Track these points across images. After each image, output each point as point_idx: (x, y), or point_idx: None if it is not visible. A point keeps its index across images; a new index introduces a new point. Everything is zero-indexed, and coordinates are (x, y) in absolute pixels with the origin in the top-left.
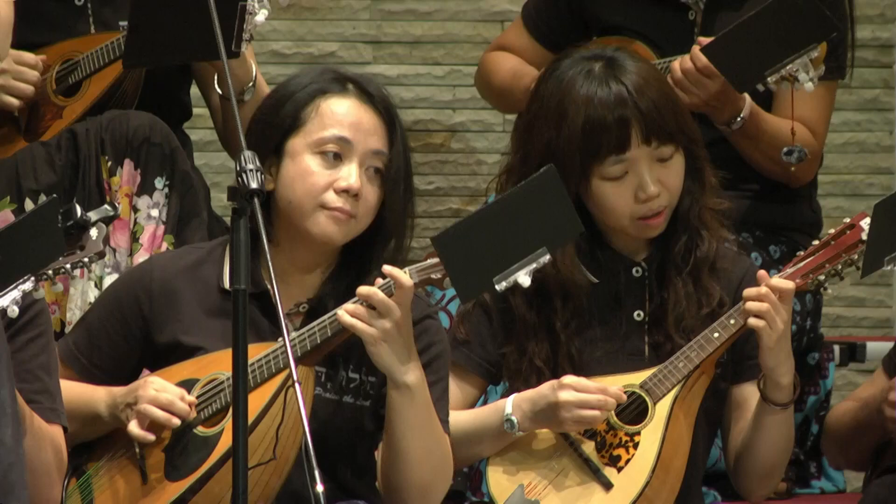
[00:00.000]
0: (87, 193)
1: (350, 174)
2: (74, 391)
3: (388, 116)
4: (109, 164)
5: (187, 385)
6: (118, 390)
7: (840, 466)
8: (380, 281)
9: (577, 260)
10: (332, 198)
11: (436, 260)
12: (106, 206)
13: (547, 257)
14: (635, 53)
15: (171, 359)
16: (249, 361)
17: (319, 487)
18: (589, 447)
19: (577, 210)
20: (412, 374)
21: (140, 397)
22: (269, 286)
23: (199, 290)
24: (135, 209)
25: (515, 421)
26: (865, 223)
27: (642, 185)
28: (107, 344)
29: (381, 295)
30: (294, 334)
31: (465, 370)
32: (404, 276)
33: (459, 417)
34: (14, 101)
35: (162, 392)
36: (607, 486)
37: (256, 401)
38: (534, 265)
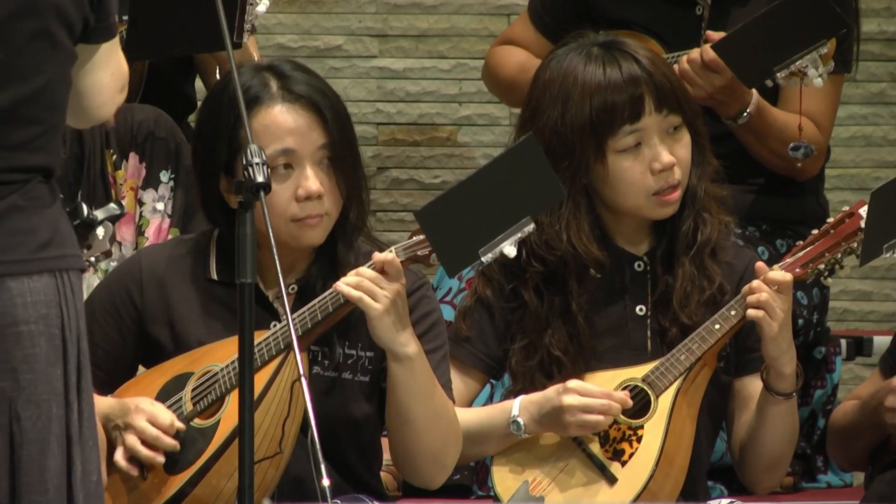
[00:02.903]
0: (91, 187)
1: (306, 179)
2: None
3: (317, 107)
4: (114, 157)
5: (182, 380)
6: (111, 405)
7: (843, 466)
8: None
9: (591, 236)
10: (297, 210)
11: (421, 237)
12: (112, 204)
13: (531, 227)
14: (644, 45)
15: (164, 351)
16: None
17: (326, 482)
18: (593, 442)
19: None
20: (412, 346)
21: (129, 426)
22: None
23: (187, 280)
24: (140, 203)
25: (522, 423)
26: (864, 211)
27: (657, 156)
28: (103, 341)
29: (398, 261)
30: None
31: (467, 366)
32: (386, 254)
33: (465, 415)
34: None
35: (150, 426)
36: (611, 480)
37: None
38: (518, 235)
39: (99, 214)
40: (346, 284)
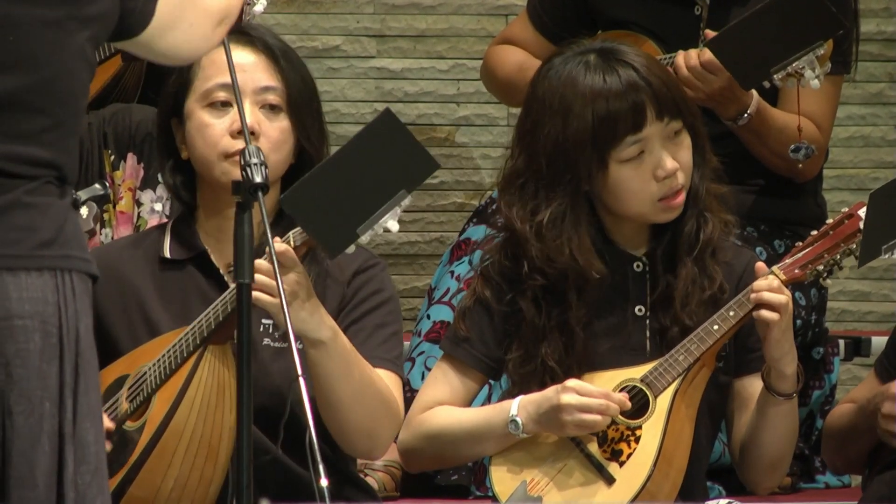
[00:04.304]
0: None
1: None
2: None
3: (271, 51)
4: (112, 158)
5: (121, 381)
6: None
7: (838, 470)
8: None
9: (592, 249)
10: (229, 143)
11: None
12: (96, 185)
13: (408, 199)
14: (640, 50)
15: (119, 344)
16: (173, 342)
17: (324, 482)
18: (591, 443)
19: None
20: (324, 330)
21: None
22: (206, 247)
23: (140, 261)
24: (138, 203)
25: (520, 422)
26: (863, 212)
27: (660, 163)
28: None
29: (291, 251)
30: (204, 314)
31: (466, 366)
32: (278, 245)
33: (464, 415)
34: None
35: None
36: (609, 480)
37: (172, 387)
38: (397, 208)
39: (82, 195)
40: None
